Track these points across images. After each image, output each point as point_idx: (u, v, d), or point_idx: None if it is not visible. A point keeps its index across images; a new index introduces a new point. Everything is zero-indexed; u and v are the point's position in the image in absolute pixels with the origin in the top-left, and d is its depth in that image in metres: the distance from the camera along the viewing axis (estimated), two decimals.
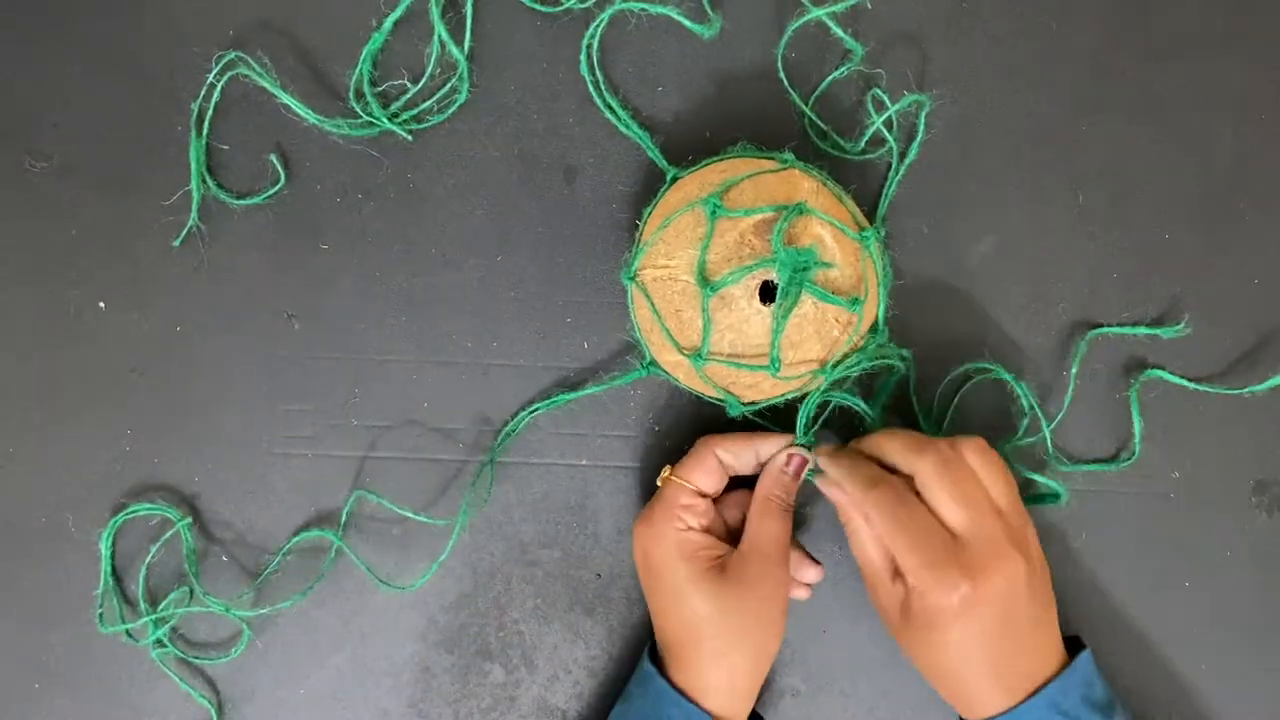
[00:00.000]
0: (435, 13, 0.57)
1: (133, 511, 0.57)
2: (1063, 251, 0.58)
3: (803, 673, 0.57)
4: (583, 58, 0.57)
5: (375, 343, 0.58)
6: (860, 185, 0.58)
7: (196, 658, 0.57)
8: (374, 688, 0.57)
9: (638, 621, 0.57)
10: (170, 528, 0.57)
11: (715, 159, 0.54)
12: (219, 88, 0.58)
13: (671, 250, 0.51)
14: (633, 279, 0.52)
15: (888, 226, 0.58)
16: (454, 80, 0.58)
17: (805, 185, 0.51)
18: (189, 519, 0.57)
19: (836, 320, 0.50)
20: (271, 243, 0.58)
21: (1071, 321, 0.58)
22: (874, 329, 0.53)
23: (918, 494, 0.48)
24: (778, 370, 0.50)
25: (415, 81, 0.58)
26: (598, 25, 0.57)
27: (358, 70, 0.57)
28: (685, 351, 0.51)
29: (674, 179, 0.54)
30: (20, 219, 0.58)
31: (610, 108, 0.57)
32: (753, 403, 0.53)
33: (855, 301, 0.50)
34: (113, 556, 0.57)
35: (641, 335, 0.54)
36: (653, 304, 0.51)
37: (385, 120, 0.57)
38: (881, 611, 0.50)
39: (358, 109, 0.58)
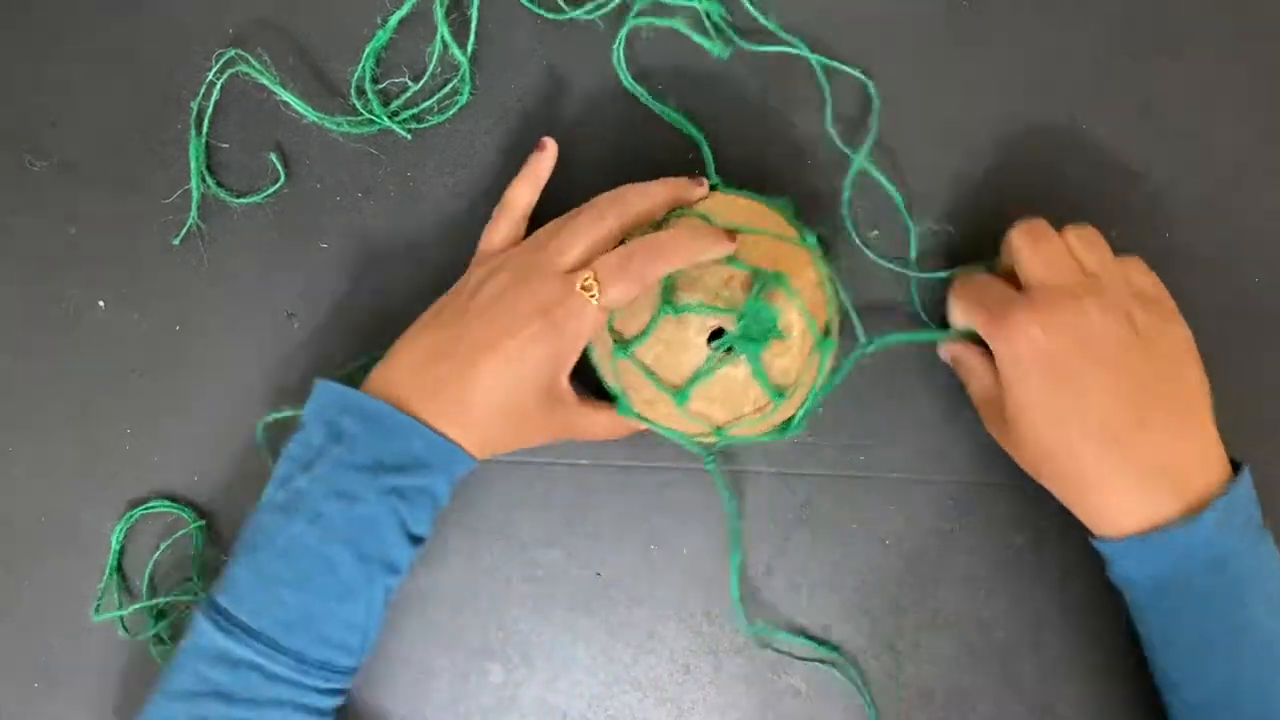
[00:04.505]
0: (439, 13, 0.57)
1: (150, 507, 0.57)
2: None
3: (803, 672, 0.57)
4: (621, 74, 0.57)
5: (375, 343, 0.58)
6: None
7: None
8: (374, 687, 0.57)
9: (639, 620, 0.57)
10: (176, 527, 0.57)
11: (756, 196, 0.54)
12: (219, 85, 0.58)
13: None
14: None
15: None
16: (455, 81, 0.58)
17: (809, 275, 0.51)
18: (203, 521, 0.57)
19: (755, 401, 0.51)
20: (271, 242, 0.58)
21: None
22: (784, 426, 0.53)
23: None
24: (682, 405, 0.50)
25: (416, 80, 0.58)
26: (619, 43, 0.57)
27: (360, 67, 0.57)
28: (614, 335, 0.51)
29: (713, 188, 0.55)
30: (20, 219, 0.58)
31: (664, 111, 0.57)
32: (641, 416, 0.53)
33: (780, 394, 0.50)
34: (120, 553, 0.57)
35: None
36: None
37: (385, 118, 0.57)
38: (999, 436, 0.51)
39: (358, 106, 0.58)
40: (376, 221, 0.58)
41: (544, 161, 0.54)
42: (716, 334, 0.50)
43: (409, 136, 0.58)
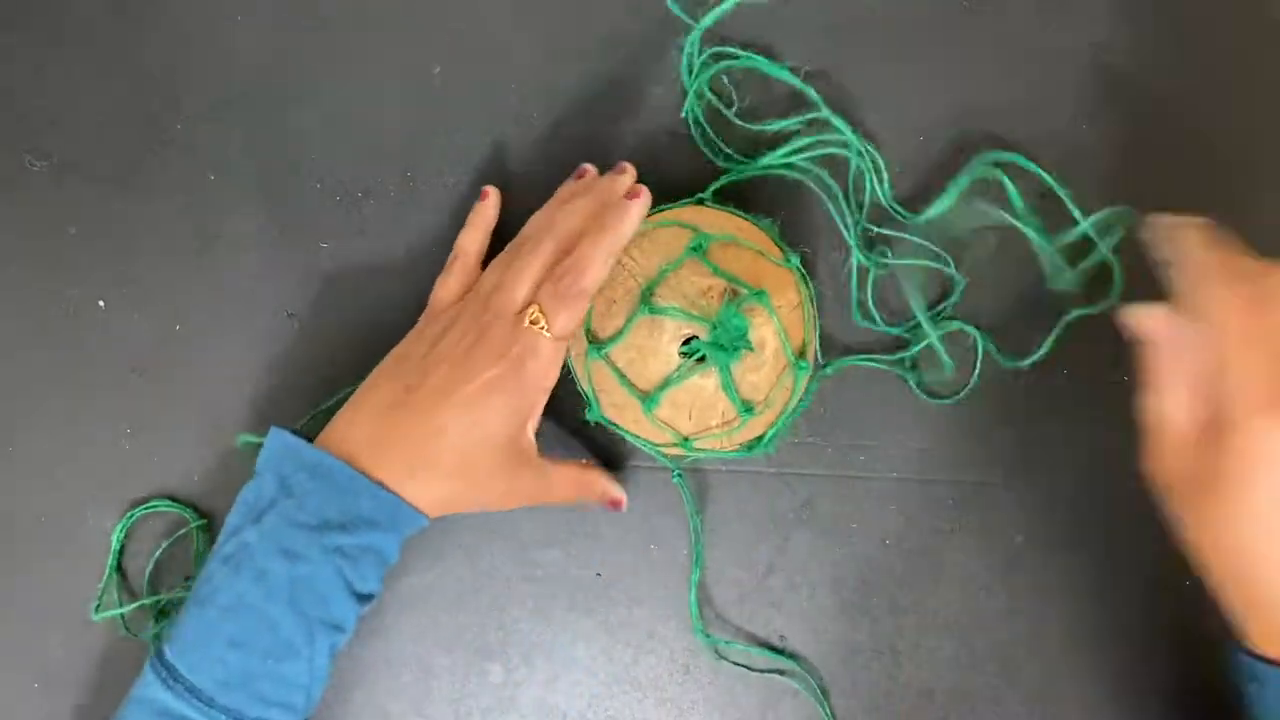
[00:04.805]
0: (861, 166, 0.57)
1: (150, 507, 0.57)
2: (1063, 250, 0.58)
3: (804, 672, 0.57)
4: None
5: (375, 342, 0.58)
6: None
7: None
8: (373, 688, 0.57)
9: (639, 620, 0.57)
10: (176, 526, 0.57)
11: (742, 214, 0.54)
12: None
13: (647, 251, 0.51)
14: None
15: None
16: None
17: (789, 296, 0.51)
18: (204, 520, 0.57)
19: (723, 414, 0.51)
20: (271, 243, 0.58)
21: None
22: (751, 445, 0.54)
23: None
24: (650, 410, 0.50)
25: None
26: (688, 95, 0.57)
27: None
28: (589, 335, 0.51)
29: (700, 203, 0.55)
30: (20, 218, 0.58)
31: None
32: (612, 421, 0.53)
33: (748, 409, 0.50)
34: (120, 552, 0.57)
35: None
36: None
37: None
38: (1171, 479, 0.44)
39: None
40: (376, 221, 0.58)
41: (488, 209, 0.55)
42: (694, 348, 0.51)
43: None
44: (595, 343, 0.51)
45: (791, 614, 0.57)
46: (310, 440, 0.48)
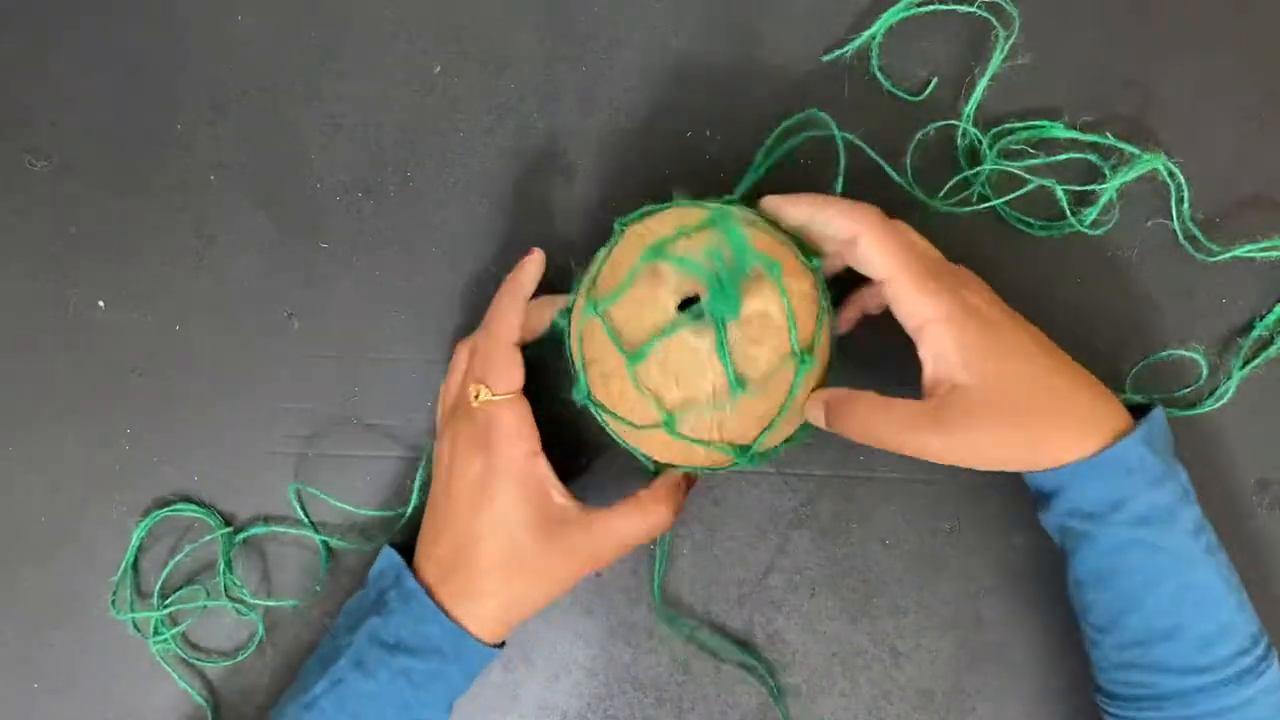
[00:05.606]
0: None
1: (177, 510, 0.57)
2: (1063, 248, 0.58)
3: (803, 673, 0.57)
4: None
5: (375, 342, 0.58)
6: None
7: (198, 659, 0.57)
8: None
9: (638, 621, 0.57)
10: (176, 527, 0.57)
11: (766, 220, 0.51)
12: None
13: (662, 220, 0.49)
14: (623, 227, 0.50)
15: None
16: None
17: (804, 286, 0.49)
18: (230, 528, 0.57)
19: (713, 380, 0.46)
20: (271, 243, 0.58)
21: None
22: (745, 449, 0.49)
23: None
24: (635, 366, 0.47)
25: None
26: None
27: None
28: (590, 295, 0.49)
29: (729, 203, 0.52)
30: (20, 218, 0.58)
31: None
32: (597, 401, 0.50)
33: (740, 383, 0.46)
34: (138, 549, 0.57)
35: (589, 270, 0.51)
36: (609, 251, 0.50)
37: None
38: (918, 415, 0.48)
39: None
40: (376, 221, 0.58)
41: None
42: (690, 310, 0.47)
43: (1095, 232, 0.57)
44: (594, 300, 0.48)
45: (791, 614, 0.57)
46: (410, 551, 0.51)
